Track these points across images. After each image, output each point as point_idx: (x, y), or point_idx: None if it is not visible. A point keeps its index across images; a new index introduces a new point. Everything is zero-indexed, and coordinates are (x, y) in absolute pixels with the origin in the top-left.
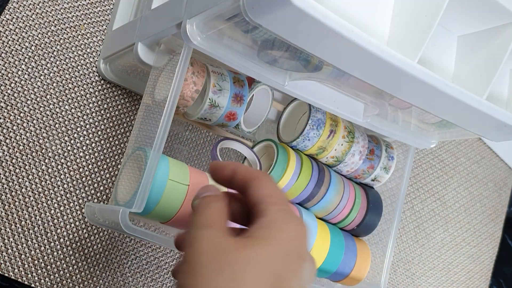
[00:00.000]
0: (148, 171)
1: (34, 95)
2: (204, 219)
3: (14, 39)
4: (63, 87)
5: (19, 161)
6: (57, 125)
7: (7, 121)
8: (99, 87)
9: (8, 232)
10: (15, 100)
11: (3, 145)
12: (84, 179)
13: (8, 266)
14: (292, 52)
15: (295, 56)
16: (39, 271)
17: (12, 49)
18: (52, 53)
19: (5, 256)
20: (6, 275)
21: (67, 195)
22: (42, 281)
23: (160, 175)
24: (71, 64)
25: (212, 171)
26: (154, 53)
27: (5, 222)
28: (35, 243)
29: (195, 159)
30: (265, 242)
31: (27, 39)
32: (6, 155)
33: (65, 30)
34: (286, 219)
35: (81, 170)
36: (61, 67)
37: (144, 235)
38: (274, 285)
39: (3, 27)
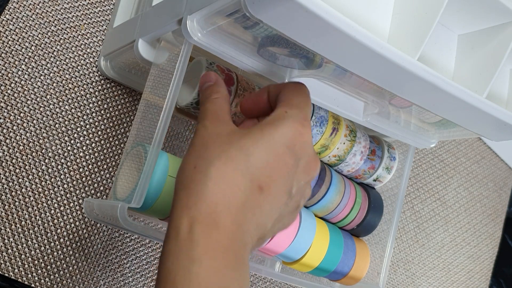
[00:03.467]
0: (147, 166)
1: (34, 95)
2: (204, 112)
3: (14, 39)
4: (63, 87)
5: (19, 161)
6: (57, 125)
7: (7, 121)
8: (99, 87)
9: (8, 232)
10: (15, 100)
11: (3, 145)
12: (84, 179)
13: (8, 266)
14: (293, 49)
15: (295, 53)
16: (39, 271)
17: (12, 49)
18: (52, 53)
19: (5, 256)
20: (6, 275)
21: (67, 195)
22: (42, 281)
23: (160, 171)
24: (71, 64)
25: (247, 105)
26: (154, 50)
27: (5, 222)
28: (35, 243)
29: None
30: (257, 134)
31: (27, 39)
32: (6, 155)
33: (65, 30)
34: (286, 120)
35: (81, 170)
36: (61, 67)
37: (143, 230)
38: (250, 173)
39: (3, 27)
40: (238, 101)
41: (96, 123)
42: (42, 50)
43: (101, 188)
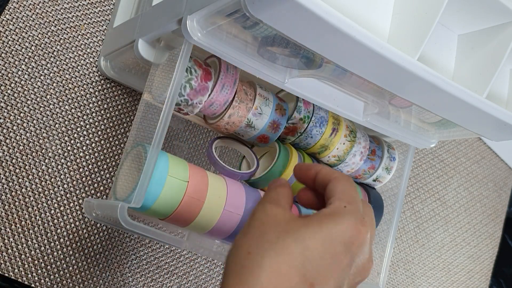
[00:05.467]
0: (147, 166)
1: (34, 95)
2: (267, 197)
3: (14, 39)
4: (63, 87)
5: (19, 161)
6: (57, 125)
7: (7, 121)
8: (99, 87)
9: (8, 232)
10: (15, 100)
11: (3, 145)
12: (84, 179)
13: (8, 266)
14: (293, 49)
15: (295, 53)
16: (39, 271)
17: (12, 49)
18: (52, 53)
19: (5, 256)
20: (6, 275)
21: (67, 195)
22: (42, 281)
23: (160, 171)
24: (71, 64)
25: (297, 171)
26: (154, 50)
27: (5, 222)
28: (35, 243)
29: (194, 158)
30: (315, 226)
31: (27, 39)
32: (6, 155)
33: (65, 30)
34: (346, 216)
35: (81, 170)
36: (61, 67)
37: (143, 230)
38: (304, 268)
39: (3, 27)
40: (232, 112)
41: (96, 123)
42: (42, 50)
43: (101, 188)
